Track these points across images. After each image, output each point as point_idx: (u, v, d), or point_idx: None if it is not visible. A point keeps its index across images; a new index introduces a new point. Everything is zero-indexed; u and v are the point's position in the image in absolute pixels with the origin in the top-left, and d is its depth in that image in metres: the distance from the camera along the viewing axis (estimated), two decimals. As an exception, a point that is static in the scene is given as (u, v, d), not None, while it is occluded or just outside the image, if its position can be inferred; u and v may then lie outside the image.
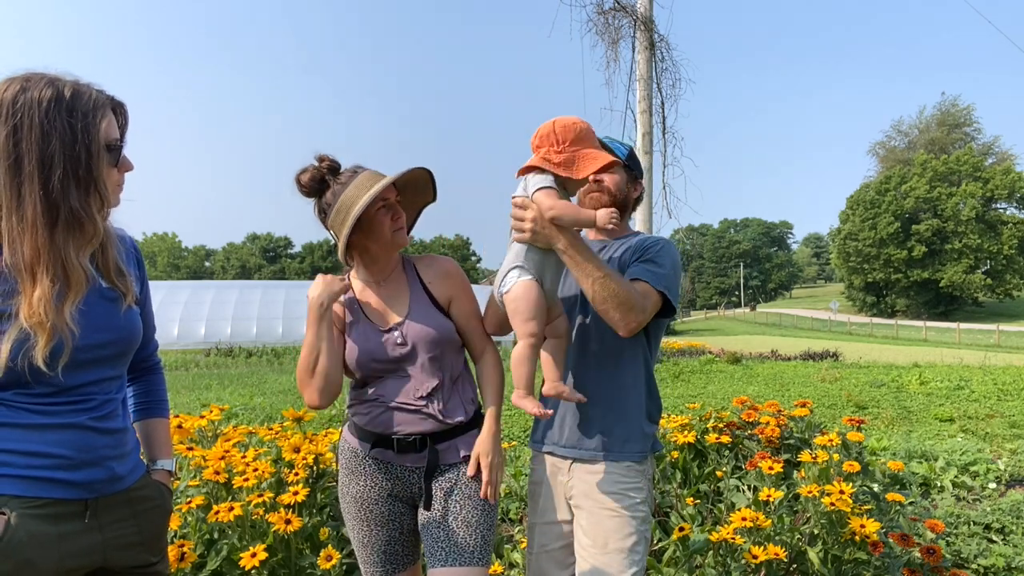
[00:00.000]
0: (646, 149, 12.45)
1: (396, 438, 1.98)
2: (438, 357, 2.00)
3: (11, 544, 1.32)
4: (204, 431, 3.52)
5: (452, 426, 2.01)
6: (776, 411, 4.03)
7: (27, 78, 1.38)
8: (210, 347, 22.83)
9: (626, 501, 2.02)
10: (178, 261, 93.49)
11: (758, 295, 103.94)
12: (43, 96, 1.35)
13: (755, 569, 2.76)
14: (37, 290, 1.33)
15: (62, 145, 1.36)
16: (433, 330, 2.00)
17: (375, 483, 2.04)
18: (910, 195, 60.57)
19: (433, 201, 2.13)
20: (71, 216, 1.37)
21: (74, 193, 1.37)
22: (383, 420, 1.99)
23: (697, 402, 7.00)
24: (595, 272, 1.86)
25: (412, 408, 1.98)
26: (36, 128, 1.34)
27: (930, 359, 17.86)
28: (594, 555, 1.98)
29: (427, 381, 1.98)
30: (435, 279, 2.08)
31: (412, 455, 1.99)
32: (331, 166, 1.97)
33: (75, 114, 1.38)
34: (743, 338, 32.83)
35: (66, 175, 1.36)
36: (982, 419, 8.33)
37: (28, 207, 1.34)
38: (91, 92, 1.42)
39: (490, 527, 2.00)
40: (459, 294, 2.09)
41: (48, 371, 1.35)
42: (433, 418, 1.98)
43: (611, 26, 12.21)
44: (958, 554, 3.71)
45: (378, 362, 1.99)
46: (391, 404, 1.98)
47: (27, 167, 1.34)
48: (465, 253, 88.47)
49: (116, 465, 1.48)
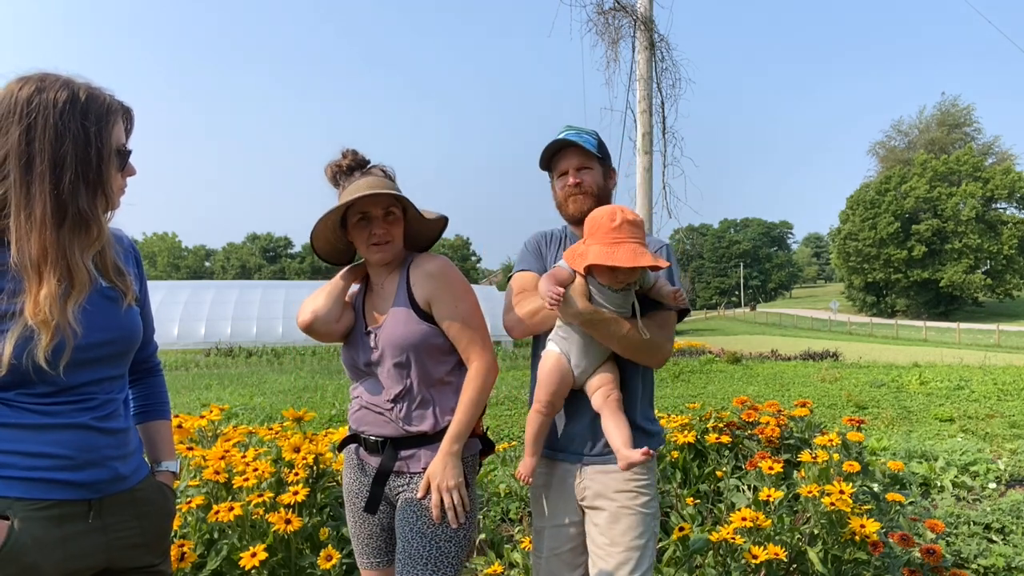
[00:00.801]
0: (646, 149, 12.46)
1: (363, 437, 2.04)
2: (404, 364, 1.96)
3: (15, 548, 1.32)
4: (204, 431, 3.52)
5: (415, 434, 1.96)
6: (776, 411, 4.03)
7: (42, 78, 1.39)
8: (210, 347, 22.82)
9: (640, 499, 2.06)
10: (178, 261, 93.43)
11: (758, 295, 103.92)
12: (58, 98, 1.37)
13: (755, 569, 2.76)
14: (44, 288, 1.34)
15: (75, 147, 1.37)
16: (400, 336, 1.96)
17: (357, 477, 2.09)
18: (910, 195, 60.57)
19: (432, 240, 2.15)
20: (78, 217, 1.38)
21: (83, 195, 1.39)
22: (357, 418, 2.06)
23: (697, 402, 7.00)
24: (617, 333, 1.97)
25: (378, 410, 2.01)
26: (50, 129, 1.35)
27: (930, 359, 17.86)
28: (611, 553, 2.02)
29: (393, 387, 1.98)
30: (418, 280, 2.01)
31: (376, 456, 2.02)
32: (350, 163, 2.01)
33: (89, 117, 1.39)
34: (743, 338, 32.84)
35: (77, 177, 1.37)
36: (982, 419, 8.33)
37: (37, 206, 1.35)
38: (104, 97, 1.44)
39: (451, 539, 1.92)
40: (440, 296, 1.97)
41: (50, 370, 1.35)
42: (394, 423, 1.98)
43: (611, 26, 12.20)
44: (958, 554, 3.71)
45: (357, 363, 2.05)
46: (364, 404, 2.04)
47: (39, 167, 1.35)
48: (465, 253, 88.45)
49: (119, 465, 1.48)
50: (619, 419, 1.98)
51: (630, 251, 1.88)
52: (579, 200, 2.15)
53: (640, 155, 12.74)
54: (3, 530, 1.31)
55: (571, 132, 2.16)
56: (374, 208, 1.96)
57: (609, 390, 2.01)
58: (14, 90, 1.36)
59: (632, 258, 1.87)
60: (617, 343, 2.00)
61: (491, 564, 3.16)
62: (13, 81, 1.38)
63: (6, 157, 1.33)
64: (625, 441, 1.94)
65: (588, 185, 2.15)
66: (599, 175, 2.18)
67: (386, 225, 1.97)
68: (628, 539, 2.02)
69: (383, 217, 1.97)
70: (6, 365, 1.32)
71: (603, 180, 2.20)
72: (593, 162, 2.16)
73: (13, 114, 1.34)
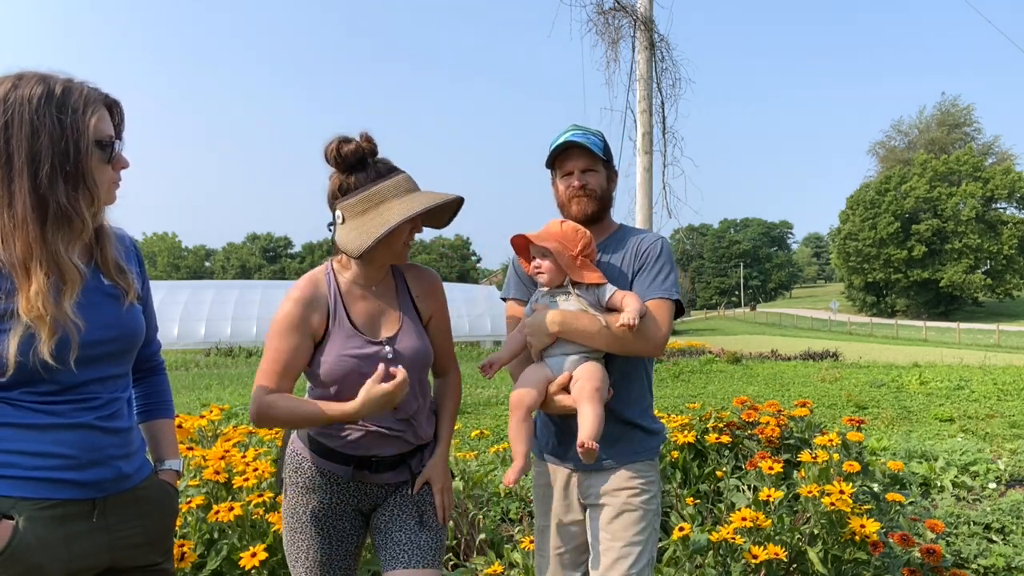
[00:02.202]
0: (646, 149, 12.45)
1: (375, 460, 1.92)
2: (421, 379, 1.96)
3: (19, 548, 1.32)
4: (204, 431, 3.52)
5: (423, 444, 2.01)
6: (776, 411, 4.03)
7: (19, 76, 1.38)
8: (210, 347, 22.83)
9: (641, 496, 2.08)
10: (178, 261, 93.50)
11: (758, 295, 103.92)
12: (33, 93, 1.36)
13: (755, 569, 2.76)
14: (33, 285, 1.34)
15: (50, 140, 1.36)
16: (422, 351, 1.94)
17: (341, 499, 1.95)
18: (910, 195, 60.56)
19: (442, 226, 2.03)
20: (59, 211, 1.37)
21: (61, 188, 1.37)
22: (363, 443, 1.89)
23: (697, 402, 7.00)
24: (594, 331, 1.97)
25: (393, 433, 1.90)
26: (26, 124, 1.34)
27: (930, 359, 17.87)
28: (611, 547, 2.03)
29: (410, 403, 1.90)
30: (423, 294, 2.00)
31: (389, 473, 1.96)
32: (372, 148, 1.85)
33: (64, 110, 1.37)
34: (743, 338, 32.83)
35: (53, 170, 1.36)
36: (982, 419, 8.33)
37: (19, 203, 1.34)
38: (83, 89, 1.42)
39: (444, 536, 2.03)
40: (440, 311, 2.05)
41: (58, 365, 1.35)
42: (409, 440, 1.95)
43: (611, 26, 12.20)
44: (958, 554, 3.71)
45: (362, 376, 1.79)
46: (371, 428, 1.88)
47: (17, 163, 1.34)
48: (465, 253, 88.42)
49: (123, 464, 1.49)
50: (588, 409, 1.93)
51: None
52: (583, 202, 2.16)
53: (640, 155, 12.73)
54: (8, 530, 1.32)
55: (578, 133, 2.16)
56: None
57: (584, 382, 1.98)
58: None
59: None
60: (601, 341, 1.99)
61: (491, 564, 3.16)
62: None
63: None
64: (589, 432, 1.89)
65: (593, 188, 2.16)
66: (603, 178, 2.19)
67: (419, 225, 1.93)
68: (628, 534, 2.03)
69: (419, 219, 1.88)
70: (12, 364, 1.32)
71: (606, 183, 2.20)
72: (598, 164, 2.16)
73: None
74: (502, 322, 2.19)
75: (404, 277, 2.02)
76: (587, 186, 2.15)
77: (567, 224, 2.08)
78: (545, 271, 2.03)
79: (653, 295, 2.08)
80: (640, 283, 2.11)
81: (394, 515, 1.97)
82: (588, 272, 2.03)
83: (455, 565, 3.44)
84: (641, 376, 2.15)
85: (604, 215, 2.21)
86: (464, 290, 28.97)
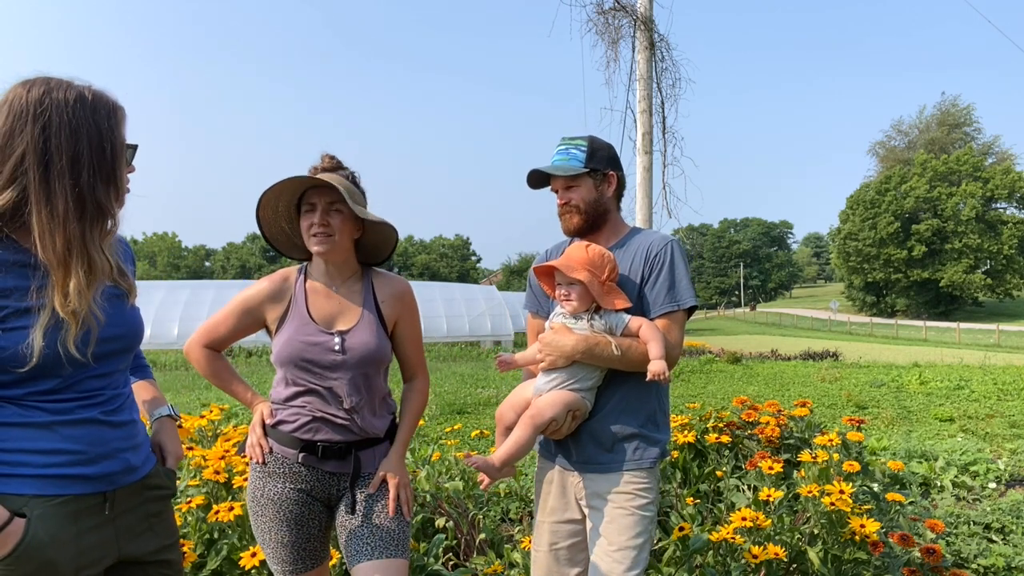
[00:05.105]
0: (646, 149, 12.44)
1: (321, 446, 2.03)
2: (369, 375, 2.06)
3: (32, 545, 1.35)
4: (204, 431, 3.52)
5: (371, 437, 2.09)
6: (776, 411, 4.03)
7: (47, 80, 1.43)
8: (210, 347, 22.77)
9: (638, 501, 2.09)
10: (178, 261, 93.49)
11: (758, 295, 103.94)
12: (68, 96, 1.41)
13: (755, 569, 2.76)
14: (72, 280, 1.39)
15: (90, 143, 1.42)
16: (373, 348, 2.05)
17: (295, 484, 2.05)
18: (910, 195, 60.56)
19: (381, 260, 2.21)
20: (96, 210, 1.44)
21: (100, 188, 1.44)
22: (310, 428, 2.03)
23: (697, 402, 7.01)
24: (614, 355, 2.04)
25: (338, 421, 2.02)
26: (66, 126, 1.39)
27: (930, 359, 17.88)
28: (607, 551, 2.05)
29: (353, 395, 2.03)
30: (388, 299, 2.14)
31: (334, 462, 2.05)
32: (327, 166, 2.09)
33: (99, 114, 1.44)
34: (743, 338, 32.86)
35: (94, 171, 1.42)
36: (982, 419, 8.34)
37: (59, 202, 1.39)
38: (107, 95, 1.49)
39: (408, 528, 2.10)
40: (407, 317, 2.17)
41: (80, 357, 1.41)
42: (354, 431, 2.04)
43: (611, 26, 12.18)
44: (958, 554, 3.71)
45: (306, 362, 2.01)
46: (317, 414, 2.02)
47: (57, 164, 1.39)
48: (465, 253, 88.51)
49: (130, 456, 1.53)
50: (513, 432, 2.09)
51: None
52: (566, 218, 2.23)
53: (640, 155, 12.74)
54: (20, 528, 1.35)
55: (558, 152, 2.21)
56: (319, 198, 2.01)
57: (532, 408, 2.10)
58: (21, 93, 1.40)
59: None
60: (619, 364, 2.06)
61: (491, 564, 3.16)
62: (17, 84, 1.42)
63: (23, 156, 1.37)
64: (498, 454, 2.07)
65: (576, 203, 2.20)
66: (588, 189, 2.19)
67: (328, 217, 2.01)
68: (624, 539, 2.04)
69: (327, 208, 2.01)
70: (38, 355, 1.36)
71: (595, 191, 2.20)
72: (580, 178, 2.18)
73: (26, 115, 1.38)
74: (502, 322, 2.25)
75: (373, 282, 2.16)
76: (569, 202, 2.20)
77: (592, 249, 2.11)
78: (575, 299, 2.08)
79: (664, 309, 2.12)
80: (650, 293, 2.14)
81: (354, 511, 2.05)
82: (615, 298, 2.09)
83: (455, 565, 3.43)
84: (643, 384, 2.12)
85: (601, 222, 2.23)
86: (464, 290, 28.99)
